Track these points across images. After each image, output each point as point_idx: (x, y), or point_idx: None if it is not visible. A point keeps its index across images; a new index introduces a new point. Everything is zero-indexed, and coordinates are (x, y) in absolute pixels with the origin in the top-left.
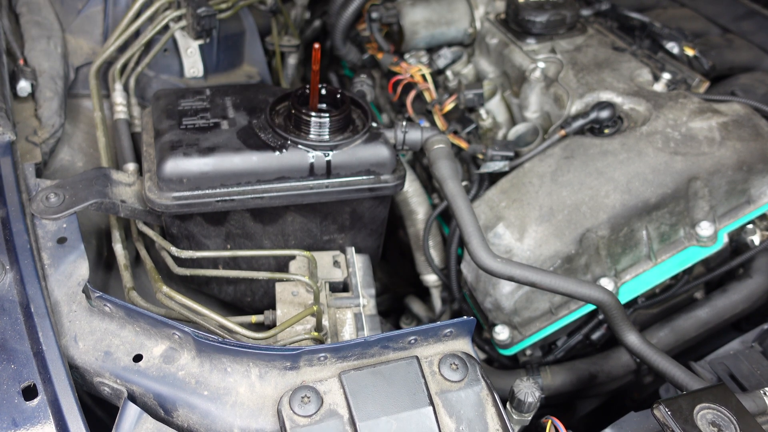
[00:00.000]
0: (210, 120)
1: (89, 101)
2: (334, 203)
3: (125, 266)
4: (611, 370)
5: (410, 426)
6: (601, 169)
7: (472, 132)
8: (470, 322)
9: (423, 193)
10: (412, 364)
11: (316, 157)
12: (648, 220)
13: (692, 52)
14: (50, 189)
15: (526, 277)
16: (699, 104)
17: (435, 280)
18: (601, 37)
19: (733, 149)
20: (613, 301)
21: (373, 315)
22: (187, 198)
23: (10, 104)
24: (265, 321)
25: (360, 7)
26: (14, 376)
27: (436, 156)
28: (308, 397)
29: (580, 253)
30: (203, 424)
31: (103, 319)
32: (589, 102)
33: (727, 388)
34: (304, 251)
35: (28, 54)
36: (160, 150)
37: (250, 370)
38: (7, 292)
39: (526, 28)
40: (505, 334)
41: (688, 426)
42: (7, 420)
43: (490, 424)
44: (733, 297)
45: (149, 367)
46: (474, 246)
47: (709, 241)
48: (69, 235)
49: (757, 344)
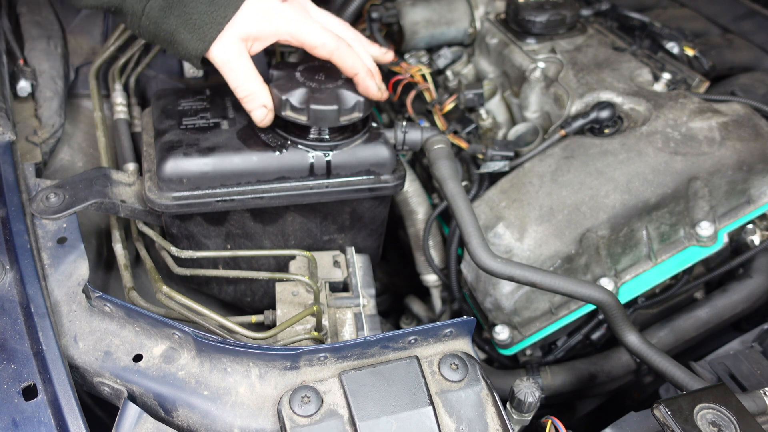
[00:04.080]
0: (210, 120)
1: (89, 101)
2: (334, 203)
3: (125, 266)
4: (611, 370)
5: (410, 426)
6: (601, 169)
7: (472, 132)
8: (470, 322)
9: (423, 193)
10: (412, 364)
11: (316, 157)
12: (648, 220)
13: (692, 52)
14: (50, 189)
15: (526, 277)
16: (699, 104)
17: (435, 280)
18: (601, 37)
19: (733, 149)
20: (613, 301)
21: (373, 315)
22: (187, 198)
23: (10, 104)
24: (265, 321)
25: (360, 7)
26: (14, 376)
27: (436, 156)
28: (308, 397)
29: (580, 253)
30: (203, 424)
31: (103, 319)
32: (589, 102)
33: (727, 388)
34: (304, 251)
35: (28, 54)
36: (160, 150)
37: (250, 370)
38: (7, 292)
39: (526, 28)
40: (505, 334)
41: (688, 426)
42: (7, 420)
43: (490, 424)
44: (733, 297)
45: (149, 367)
46: (474, 246)
47: (709, 241)
48: (69, 235)
49: (757, 344)
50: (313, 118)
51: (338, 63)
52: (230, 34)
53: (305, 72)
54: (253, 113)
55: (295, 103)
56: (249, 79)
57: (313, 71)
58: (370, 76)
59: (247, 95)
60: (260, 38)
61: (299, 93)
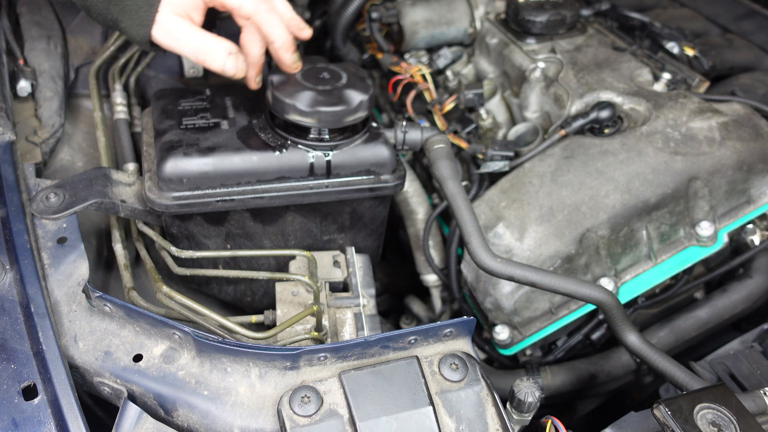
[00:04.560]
0: (210, 120)
1: (89, 101)
2: (334, 203)
3: (125, 266)
4: (611, 370)
5: (410, 426)
6: (601, 169)
7: (472, 132)
8: (470, 322)
9: (423, 193)
10: (412, 364)
11: (316, 157)
12: (648, 220)
13: (692, 52)
14: (50, 189)
15: (526, 277)
16: (699, 104)
17: (435, 280)
18: (601, 37)
19: (733, 149)
20: (613, 301)
21: (373, 315)
22: (187, 198)
23: (10, 104)
24: (265, 321)
25: (360, 7)
26: (14, 376)
27: (436, 156)
28: (308, 397)
29: (580, 253)
30: (203, 423)
31: (103, 319)
32: (589, 102)
33: (727, 388)
34: (304, 251)
35: (28, 54)
36: (160, 150)
37: (250, 369)
38: (7, 292)
39: (526, 28)
40: (505, 334)
41: (688, 426)
42: (7, 420)
43: (490, 424)
44: (733, 297)
45: (149, 367)
46: (474, 246)
47: (709, 241)
48: (69, 235)
49: (757, 344)
50: (323, 120)
51: (257, 27)
52: (164, 13)
53: (306, 75)
54: (226, 68)
55: (301, 106)
56: (199, 40)
57: (313, 73)
58: (286, 47)
59: (206, 55)
60: (193, 8)
61: (305, 96)
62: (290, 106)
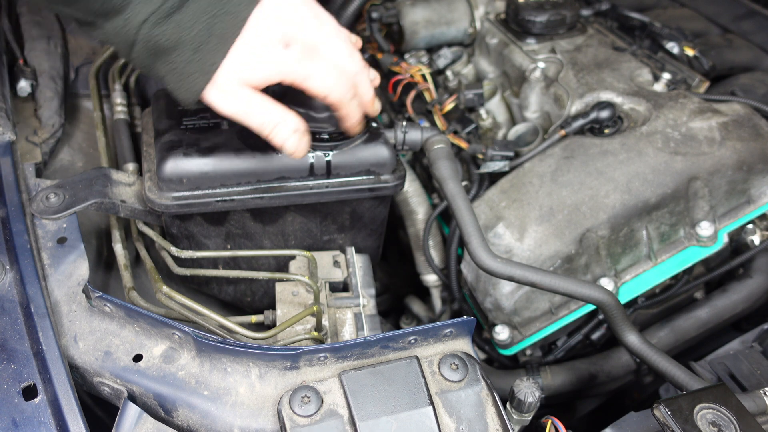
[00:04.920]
0: (210, 120)
1: (89, 101)
2: (334, 203)
3: (125, 266)
4: (611, 370)
5: (410, 426)
6: (601, 169)
7: (472, 132)
8: (470, 322)
9: (423, 193)
10: (412, 364)
11: (316, 157)
12: (648, 220)
13: (692, 52)
14: (50, 189)
15: (526, 277)
16: (699, 104)
17: (435, 280)
18: (601, 37)
19: (733, 149)
20: (613, 301)
21: (373, 315)
22: (187, 198)
23: (10, 104)
24: (265, 321)
25: (360, 7)
26: (14, 376)
27: (436, 156)
28: (308, 397)
29: (580, 253)
30: (203, 424)
31: (103, 319)
32: (589, 102)
33: (727, 388)
34: (304, 251)
35: (28, 54)
36: (160, 150)
37: (250, 370)
38: (7, 292)
39: (526, 28)
40: (505, 334)
41: (688, 426)
42: (7, 420)
43: (490, 424)
44: (733, 297)
45: (149, 367)
46: (474, 246)
47: (709, 241)
48: (69, 235)
49: (757, 344)
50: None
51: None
52: (224, 80)
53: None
54: (286, 146)
55: (315, 114)
56: (269, 114)
57: None
58: (354, 125)
59: (272, 130)
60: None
61: (315, 103)
62: (304, 114)
